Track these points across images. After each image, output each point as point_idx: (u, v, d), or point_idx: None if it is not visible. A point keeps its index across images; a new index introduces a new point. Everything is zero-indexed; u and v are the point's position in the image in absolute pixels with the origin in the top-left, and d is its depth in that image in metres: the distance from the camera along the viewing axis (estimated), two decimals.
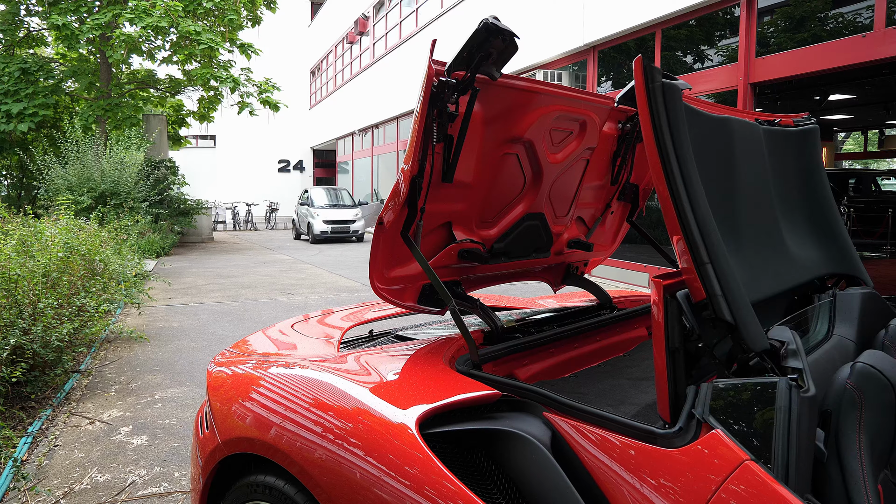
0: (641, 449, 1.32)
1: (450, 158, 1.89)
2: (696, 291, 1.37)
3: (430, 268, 1.80)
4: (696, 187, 1.39)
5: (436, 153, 1.85)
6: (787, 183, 2.16)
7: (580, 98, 2.19)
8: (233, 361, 2.09)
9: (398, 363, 1.84)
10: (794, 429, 1.20)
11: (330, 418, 1.61)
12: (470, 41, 1.67)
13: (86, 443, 3.78)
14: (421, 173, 1.81)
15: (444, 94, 1.70)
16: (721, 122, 1.76)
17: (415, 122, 1.71)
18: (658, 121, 1.40)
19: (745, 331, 1.35)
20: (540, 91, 2.03)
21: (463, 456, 1.54)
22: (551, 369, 2.07)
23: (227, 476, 1.94)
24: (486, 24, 1.63)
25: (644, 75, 1.41)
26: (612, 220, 2.86)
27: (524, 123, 2.04)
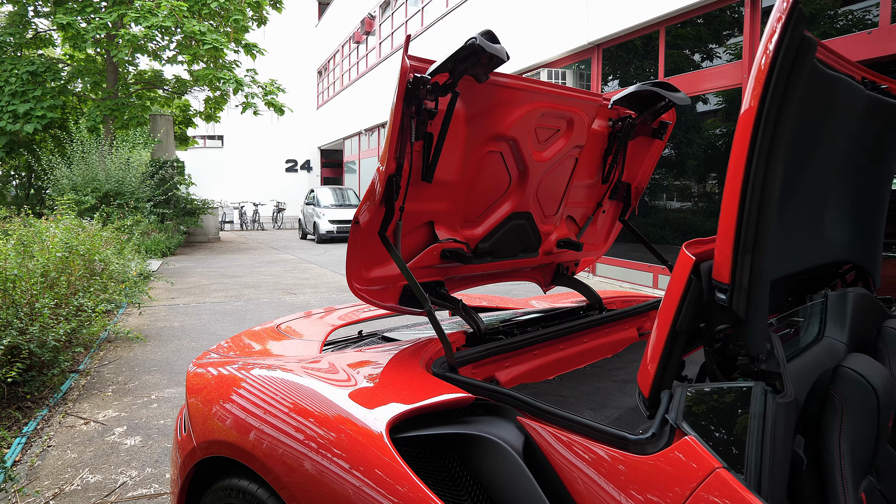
0: (614, 455, 1.28)
1: (430, 157, 1.85)
2: (722, 272, 1.24)
3: (407, 268, 1.76)
4: (777, 167, 1.22)
5: (415, 151, 1.82)
6: (859, 159, 1.95)
7: (566, 95, 2.15)
8: (211, 363, 2.07)
9: (375, 365, 1.81)
10: (769, 435, 1.16)
11: (299, 421, 1.58)
12: (456, 54, 1.64)
13: (79, 443, 3.77)
14: (399, 172, 1.77)
15: (419, 91, 1.66)
16: (830, 84, 1.50)
17: (390, 120, 1.68)
18: (778, 80, 1.15)
19: (750, 331, 1.27)
20: (524, 88, 1.99)
21: (436, 461, 1.50)
22: (535, 371, 2.03)
23: (205, 478, 1.91)
24: (474, 45, 1.61)
25: (788, 19, 1.13)
26: (603, 220, 2.82)
27: (508, 121, 2.01)
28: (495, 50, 1.63)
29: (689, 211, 8.79)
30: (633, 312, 2.53)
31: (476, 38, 1.61)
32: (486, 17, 13.43)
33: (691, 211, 8.75)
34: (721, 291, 1.25)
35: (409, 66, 1.65)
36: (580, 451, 1.33)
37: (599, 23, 9.66)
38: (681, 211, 8.96)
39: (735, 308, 1.23)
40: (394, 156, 1.74)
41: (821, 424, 1.32)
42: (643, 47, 9.17)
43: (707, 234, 6.89)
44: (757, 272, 1.23)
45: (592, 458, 1.30)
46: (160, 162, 15.56)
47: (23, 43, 15.58)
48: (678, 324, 1.28)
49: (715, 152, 8.29)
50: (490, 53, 1.62)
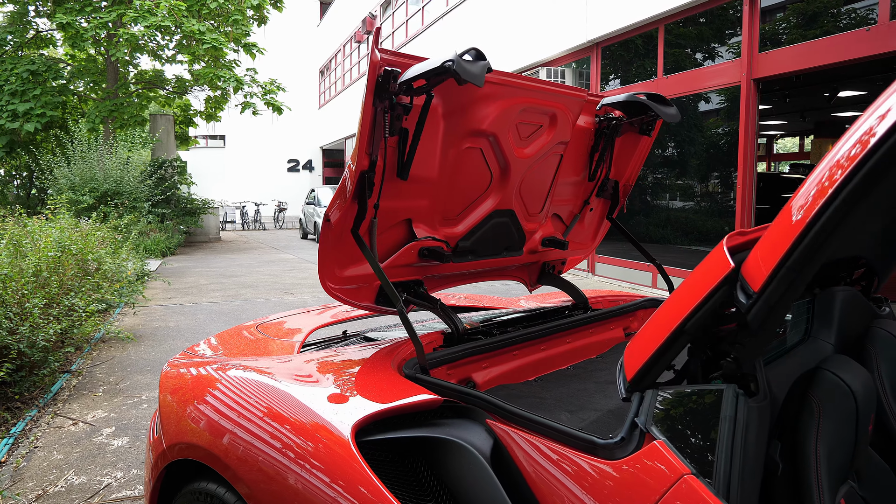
0: (582, 460, 1.23)
1: (405, 153, 1.81)
2: (754, 280, 1.12)
3: (379, 267, 1.72)
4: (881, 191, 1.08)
5: (389, 147, 1.77)
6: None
7: (548, 90, 2.10)
8: (184, 363, 2.03)
9: (348, 367, 1.77)
10: (740, 440, 1.11)
11: (265, 423, 1.54)
12: (431, 70, 1.59)
13: (66, 444, 3.74)
14: (372, 168, 1.73)
15: (390, 85, 1.62)
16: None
17: (360, 115, 1.64)
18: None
19: (755, 343, 1.18)
20: (503, 83, 1.94)
21: (404, 464, 1.46)
22: (514, 372, 1.99)
23: (176, 481, 1.88)
24: (448, 69, 1.56)
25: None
26: (591, 218, 2.77)
27: (487, 116, 1.96)
28: (470, 76, 1.58)
29: (690, 210, 8.73)
30: (619, 312, 2.48)
31: (453, 60, 1.56)
32: (486, 17, 13.38)
33: (693, 210, 8.69)
34: (745, 295, 1.14)
35: (380, 60, 1.61)
36: (549, 456, 1.29)
37: (598, 21, 9.61)
38: (682, 210, 8.90)
39: (751, 319, 1.13)
40: (366, 151, 1.69)
41: (797, 428, 1.27)
42: (644, 46, 9.11)
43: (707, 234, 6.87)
44: (791, 294, 1.15)
45: (561, 463, 1.26)
46: (159, 161, 15.55)
47: (23, 42, 15.59)
48: (689, 324, 1.20)
49: (717, 151, 8.22)
50: (464, 79, 1.57)
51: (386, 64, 1.62)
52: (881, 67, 10.11)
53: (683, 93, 8.38)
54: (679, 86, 8.39)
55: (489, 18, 13.27)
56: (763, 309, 1.11)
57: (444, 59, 1.57)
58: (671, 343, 1.22)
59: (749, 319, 1.12)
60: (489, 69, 1.67)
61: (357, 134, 1.66)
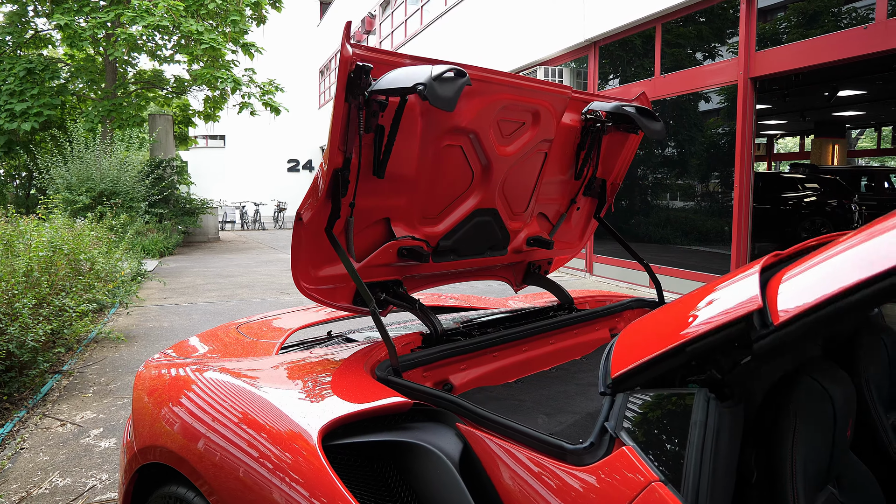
0: (550, 466, 1.20)
1: (381, 151, 1.77)
2: (780, 310, 1.01)
3: (353, 266, 1.69)
4: None
5: (365, 145, 1.74)
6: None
7: (530, 87, 2.06)
8: (160, 364, 2.00)
9: (323, 369, 1.73)
10: (710, 446, 1.07)
11: (233, 426, 1.51)
12: (402, 90, 1.55)
13: (53, 445, 3.71)
14: (346, 166, 1.70)
15: (361, 82, 1.58)
16: None
17: (332, 112, 1.60)
18: None
19: (748, 367, 1.11)
20: (483, 79, 1.90)
21: (373, 469, 1.43)
22: (494, 374, 1.95)
23: (148, 485, 1.85)
24: (419, 93, 1.51)
25: None
26: (578, 217, 2.73)
27: (466, 113, 1.92)
28: (441, 101, 1.52)
29: (688, 210, 8.69)
30: (605, 313, 2.44)
31: (425, 84, 1.50)
32: (484, 16, 13.35)
33: (690, 210, 8.65)
34: (761, 323, 1.03)
35: (352, 55, 1.57)
36: (518, 461, 1.25)
37: (596, 20, 9.57)
38: (679, 210, 8.86)
39: (758, 348, 1.03)
40: (339, 149, 1.66)
41: (773, 433, 1.24)
42: (642, 45, 9.07)
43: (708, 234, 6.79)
44: (811, 337, 1.07)
45: (529, 469, 1.23)
46: (156, 161, 15.52)
47: (22, 42, 15.58)
48: (691, 348, 1.11)
49: (715, 150, 8.18)
50: (434, 105, 1.52)
51: (358, 59, 1.59)
52: (880, 66, 10.07)
53: (681, 91, 8.34)
54: (676, 85, 8.35)
55: (487, 18, 13.23)
56: (776, 343, 1.02)
57: (416, 79, 1.52)
58: (666, 358, 1.15)
59: (755, 347, 1.04)
60: (469, 83, 1.61)
61: (329, 131, 1.62)
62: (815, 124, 18.28)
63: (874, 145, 23.03)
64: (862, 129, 23.11)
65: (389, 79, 1.57)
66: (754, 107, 7.28)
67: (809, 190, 12.61)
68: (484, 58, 12.91)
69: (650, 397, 1.19)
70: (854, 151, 23.11)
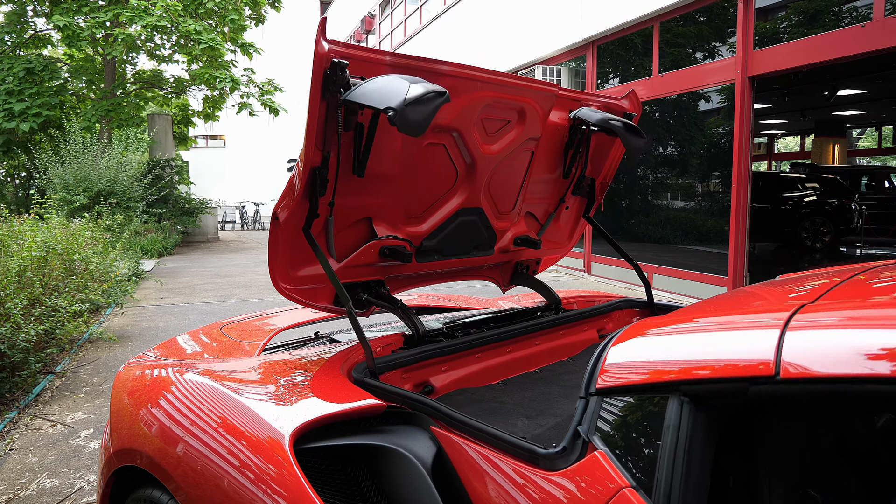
0: (522, 470, 1.17)
1: (360, 150, 1.74)
2: (791, 366, 0.96)
3: (330, 267, 1.66)
4: None
5: (343, 143, 1.71)
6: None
7: (514, 84, 2.03)
8: (140, 365, 1.97)
9: (301, 371, 1.71)
10: (683, 451, 1.04)
11: (209, 429, 1.48)
12: (374, 109, 1.51)
13: (42, 446, 3.69)
14: (325, 165, 1.67)
15: (337, 78, 1.55)
16: None
17: (307, 109, 1.58)
18: None
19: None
20: (465, 76, 1.87)
21: (346, 473, 1.40)
22: (477, 375, 1.93)
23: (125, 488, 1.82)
24: (389, 119, 1.46)
25: None
26: (567, 216, 2.70)
27: (449, 112, 1.90)
28: (409, 127, 1.47)
29: (685, 209, 8.66)
30: (592, 313, 2.41)
31: (396, 110, 1.44)
32: (482, 16, 13.32)
33: (687, 210, 8.62)
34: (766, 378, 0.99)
35: (328, 52, 1.54)
36: (490, 465, 1.23)
37: (593, 19, 9.54)
38: (676, 210, 8.82)
39: (752, 392, 1.00)
40: (317, 147, 1.63)
41: (751, 437, 1.21)
42: (640, 44, 9.03)
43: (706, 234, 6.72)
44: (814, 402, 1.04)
45: (502, 473, 1.20)
46: (154, 161, 15.49)
47: (21, 42, 15.57)
48: (686, 388, 1.07)
49: (712, 149, 8.15)
50: (401, 132, 1.48)
51: (335, 56, 1.56)
52: (879, 64, 10.03)
53: (679, 91, 8.31)
54: (674, 84, 8.32)
55: (486, 17, 13.20)
56: (775, 397, 0.99)
57: (389, 100, 1.46)
58: (659, 388, 1.11)
59: (749, 392, 1.00)
60: (447, 100, 1.56)
61: (305, 129, 1.60)
62: (816, 124, 18.22)
63: (875, 145, 22.96)
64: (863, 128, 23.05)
65: (363, 91, 1.53)
66: (752, 106, 7.25)
67: (810, 189, 12.57)
68: (482, 57, 12.88)
69: (621, 402, 1.16)
70: (855, 151, 23.05)
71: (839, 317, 1.09)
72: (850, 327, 1.02)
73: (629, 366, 1.18)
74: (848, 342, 0.96)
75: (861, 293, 1.29)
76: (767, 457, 1.20)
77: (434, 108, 1.52)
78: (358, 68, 1.63)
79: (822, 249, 12.18)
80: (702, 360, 1.09)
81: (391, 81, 1.54)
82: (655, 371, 1.13)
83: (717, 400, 1.08)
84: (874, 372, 0.89)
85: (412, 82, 1.54)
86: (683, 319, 1.31)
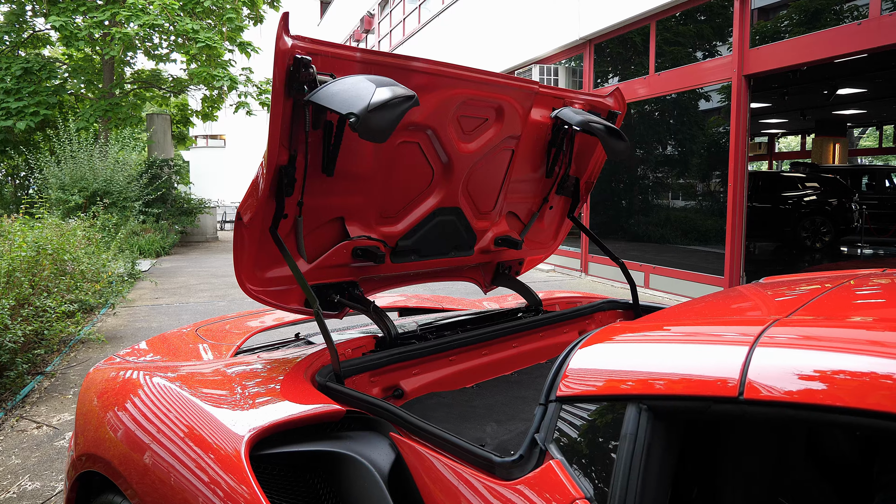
0: (477, 479, 1.13)
1: (329, 148, 1.70)
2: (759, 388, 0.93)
3: (297, 268, 1.62)
4: None
5: (313, 142, 1.67)
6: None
7: (491, 81, 1.98)
8: (106, 367, 1.94)
9: (265, 375, 1.67)
10: (640, 460, 1.00)
11: (170, 434, 1.45)
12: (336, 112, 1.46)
13: (26, 448, 3.66)
14: (292, 163, 1.63)
15: (301, 76, 1.51)
16: None
17: (271, 108, 1.54)
18: None
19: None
20: (439, 73, 1.82)
21: (305, 480, 1.36)
22: (450, 378, 1.89)
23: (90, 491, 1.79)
24: (352, 126, 1.42)
25: None
26: (551, 216, 2.65)
27: (422, 109, 1.85)
28: (371, 134, 1.43)
29: (684, 209, 8.61)
30: (574, 315, 2.37)
31: (358, 117, 1.39)
32: (481, 15, 13.27)
33: (684, 209, 8.57)
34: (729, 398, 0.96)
35: (291, 48, 1.50)
36: (447, 473, 1.19)
37: (591, 18, 9.49)
38: (676, 209, 8.77)
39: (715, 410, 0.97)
40: (283, 145, 1.59)
41: (716, 445, 1.17)
42: (637, 43, 8.99)
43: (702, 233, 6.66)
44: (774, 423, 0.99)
45: (458, 482, 1.16)
46: (150, 161, 15.47)
47: (19, 42, 15.56)
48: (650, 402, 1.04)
49: (709, 149, 8.10)
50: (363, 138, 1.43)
51: (299, 52, 1.52)
52: (879, 63, 9.96)
53: (675, 90, 8.26)
54: (670, 83, 8.27)
55: (484, 16, 13.16)
56: (738, 417, 0.96)
57: (352, 105, 1.42)
58: (622, 399, 1.08)
59: (711, 411, 0.97)
60: (416, 104, 1.51)
61: (269, 126, 1.55)
62: (816, 123, 18.15)
63: (876, 144, 22.87)
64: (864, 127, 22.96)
65: (327, 94, 1.48)
66: (748, 105, 7.20)
67: (810, 189, 12.51)
68: (480, 56, 12.84)
69: (581, 409, 1.12)
70: (856, 150, 22.96)
71: (813, 335, 1.04)
72: (823, 349, 0.98)
73: (591, 374, 1.14)
74: (818, 365, 0.92)
75: (842, 307, 1.25)
76: (735, 466, 1.16)
77: (400, 113, 1.47)
78: (327, 65, 1.59)
79: (822, 249, 12.12)
80: (665, 374, 1.05)
81: (356, 84, 1.48)
82: (616, 382, 1.09)
83: (679, 415, 1.04)
84: (842, 403, 0.84)
85: (379, 85, 1.48)
86: (654, 326, 1.27)
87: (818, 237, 12.20)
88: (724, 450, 1.17)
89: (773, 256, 12.09)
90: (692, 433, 1.16)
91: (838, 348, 0.96)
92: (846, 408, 0.84)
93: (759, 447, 1.18)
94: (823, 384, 0.88)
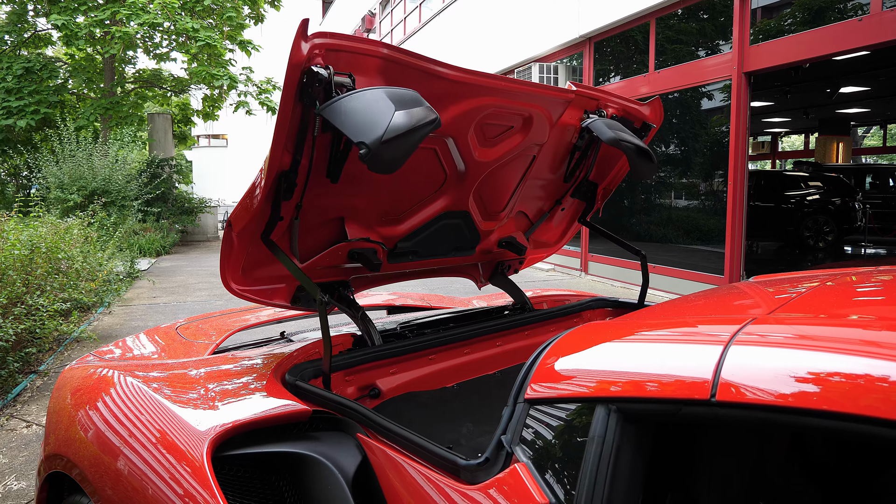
0: (441, 483, 1.09)
1: (337, 153, 1.56)
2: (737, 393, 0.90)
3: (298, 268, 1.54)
4: None
5: (319, 146, 1.53)
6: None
7: (525, 91, 1.83)
8: (79, 367, 1.90)
9: (236, 374, 1.63)
10: (607, 464, 0.96)
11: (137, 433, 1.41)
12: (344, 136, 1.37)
13: (14, 447, 3.63)
14: (294, 169, 1.51)
15: (313, 90, 1.37)
16: None
17: (279, 112, 1.44)
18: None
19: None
20: (466, 81, 1.66)
21: (270, 482, 1.32)
22: (430, 378, 1.84)
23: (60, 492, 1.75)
24: (362, 157, 1.28)
25: None
26: (561, 218, 2.54)
27: (445, 117, 1.70)
28: (380, 167, 1.31)
29: (685, 208, 8.55)
30: (561, 313, 2.32)
31: (369, 148, 1.25)
32: (480, 14, 13.23)
33: (687, 208, 8.51)
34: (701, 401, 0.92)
35: (306, 59, 1.34)
36: (414, 475, 1.14)
37: (590, 16, 9.44)
38: (677, 209, 8.71)
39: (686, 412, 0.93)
40: (287, 151, 1.47)
41: (690, 448, 1.12)
42: (636, 41, 8.93)
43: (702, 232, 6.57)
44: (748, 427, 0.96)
45: (424, 484, 1.12)
46: (151, 160, 15.46)
47: (21, 42, 15.58)
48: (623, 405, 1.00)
49: (710, 147, 8.04)
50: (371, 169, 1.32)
51: (328, 48, 1.36)
52: (882, 60, 9.88)
53: (675, 87, 8.20)
54: (670, 80, 8.21)
55: (483, 15, 13.12)
56: (710, 420, 0.92)
57: (364, 134, 1.27)
58: (591, 401, 1.03)
59: (681, 413, 0.93)
60: (438, 126, 1.38)
61: (274, 132, 1.44)
62: (819, 122, 18.05)
63: (881, 143, 22.74)
64: (868, 126, 22.84)
65: (340, 111, 1.33)
66: (749, 102, 7.14)
67: (813, 188, 12.43)
68: (479, 55, 12.80)
69: (550, 410, 1.08)
70: (860, 149, 22.84)
71: (791, 333, 0.99)
72: (802, 348, 0.92)
73: (561, 375, 1.10)
74: (795, 365, 0.87)
75: (825, 305, 1.20)
76: (712, 470, 1.12)
77: (417, 140, 1.32)
78: (348, 63, 1.45)
79: (824, 249, 12.04)
80: (635, 375, 1.00)
81: (374, 103, 1.32)
82: (586, 383, 1.05)
83: (649, 418, 0.99)
84: (819, 406, 0.79)
85: (399, 105, 1.32)
86: (629, 325, 1.22)
87: (821, 237, 12.12)
88: (701, 453, 1.12)
89: (775, 256, 12.01)
90: (666, 436, 1.11)
91: (818, 347, 0.91)
92: (823, 411, 0.79)
93: (738, 450, 1.14)
94: (800, 386, 0.83)
